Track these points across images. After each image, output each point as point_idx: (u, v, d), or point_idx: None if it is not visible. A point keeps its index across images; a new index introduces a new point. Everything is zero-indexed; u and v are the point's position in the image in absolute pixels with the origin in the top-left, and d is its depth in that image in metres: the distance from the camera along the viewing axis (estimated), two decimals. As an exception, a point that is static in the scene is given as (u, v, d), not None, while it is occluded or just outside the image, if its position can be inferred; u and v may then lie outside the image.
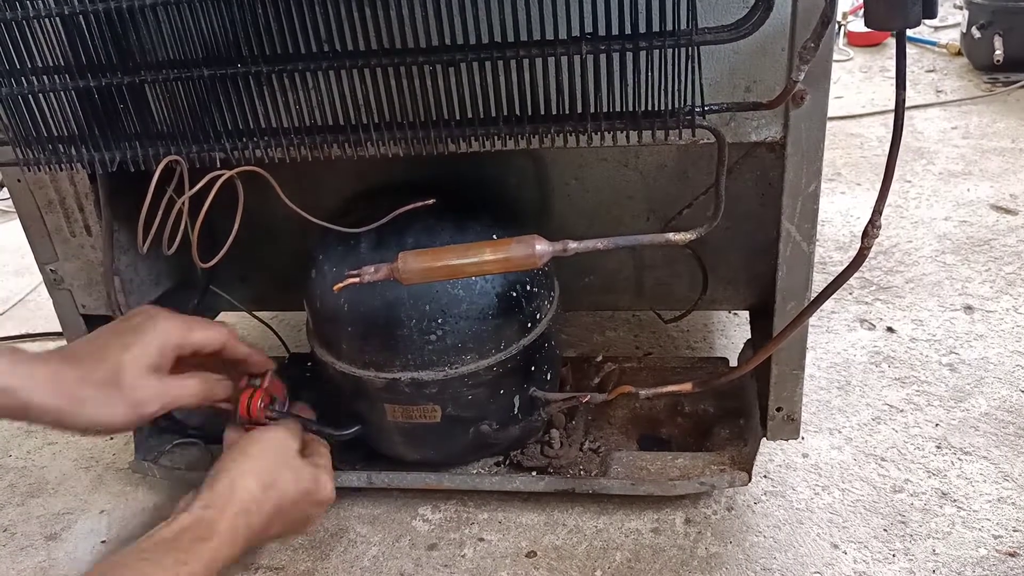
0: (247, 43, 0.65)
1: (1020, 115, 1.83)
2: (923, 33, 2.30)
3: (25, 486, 1.08)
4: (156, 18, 0.64)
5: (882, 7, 0.57)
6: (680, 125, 0.64)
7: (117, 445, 1.13)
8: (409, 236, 0.81)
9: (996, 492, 0.92)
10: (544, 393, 0.90)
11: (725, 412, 0.97)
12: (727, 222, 0.79)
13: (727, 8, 0.63)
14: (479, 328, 0.82)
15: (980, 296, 1.24)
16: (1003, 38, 1.93)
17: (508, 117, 0.66)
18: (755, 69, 0.66)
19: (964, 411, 1.03)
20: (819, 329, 1.20)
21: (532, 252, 0.69)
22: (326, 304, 0.85)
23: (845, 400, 1.07)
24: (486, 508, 0.96)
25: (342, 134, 0.69)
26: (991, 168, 1.61)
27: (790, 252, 0.74)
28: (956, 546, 0.86)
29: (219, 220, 0.77)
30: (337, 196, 0.91)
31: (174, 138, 0.70)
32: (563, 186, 1.01)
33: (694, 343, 1.22)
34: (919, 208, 1.49)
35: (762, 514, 0.92)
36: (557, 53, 0.62)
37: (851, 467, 0.97)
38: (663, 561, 0.87)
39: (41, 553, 0.97)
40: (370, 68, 0.65)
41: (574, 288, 1.05)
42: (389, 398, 0.85)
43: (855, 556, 0.86)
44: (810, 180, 0.71)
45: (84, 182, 0.83)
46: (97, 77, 0.68)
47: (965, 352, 1.13)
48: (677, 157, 0.96)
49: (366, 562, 0.91)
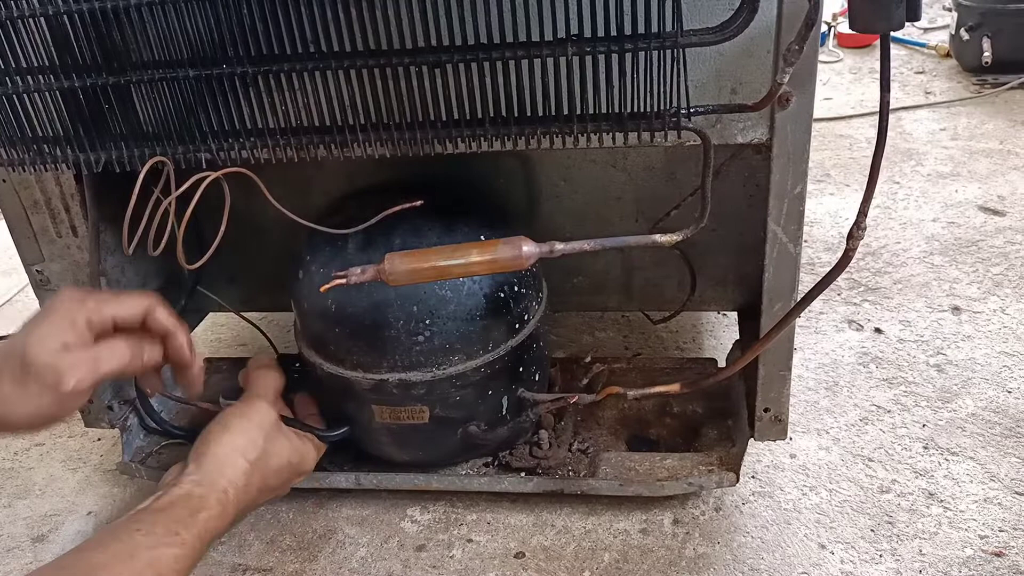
0: (233, 44, 0.65)
1: (1008, 116, 1.84)
2: (912, 35, 2.31)
3: (12, 487, 1.07)
4: (141, 18, 0.64)
5: (866, 10, 0.57)
6: (666, 127, 0.64)
7: (104, 446, 1.12)
8: (396, 237, 0.81)
9: (982, 492, 0.92)
10: (533, 394, 0.90)
11: (713, 413, 0.97)
12: (715, 223, 0.79)
13: (712, 10, 0.63)
14: (467, 329, 0.82)
15: (968, 297, 1.25)
16: (991, 40, 1.94)
17: (494, 118, 0.66)
18: (740, 71, 0.66)
19: (951, 412, 1.04)
20: (807, 330, 1.20)
21: (519, 253, 0.69)
22: (314, 305, 0.85)
23: (833, 401, 1.07)
24: (475, 509, 0.96)
25: (329, 135, 0.69)
26: (979, 169, 1.62)
27: (777, 253, 0.75)
28: (943, 546, 0.86)
29: (206, 221, 0.77)
30: (325, 197, 0.91)
31: (160, 139, 0.70)
32: (551, 187, 1.01)
33: (683, 344, 1.22)
34: (907, 209, 1.50)
35: (750, 515, 0.92)
36: (543, 55, 0.62)
37: (839, 468, 0.97)
38: (651, 562, 0.87)
39: (28, 555, 0.96)
40: (356, 69, 0.65)
41: (563, 289, 1.05)
42: (377, 399, 0.85)
43: (842, 556, 0.86)
44: (796, 182, 0.71)
45: (70, 183, 0.83)
46: (82, 77, 0.67)
47: (952, 353, 1.14)
48: (665, 158, 0.96)
49: (354, 563, 0.91)
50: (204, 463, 0.72)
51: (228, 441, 0.75)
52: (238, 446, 0.75)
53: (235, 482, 0.72)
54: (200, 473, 0.71)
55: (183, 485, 0.70)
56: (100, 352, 0.68)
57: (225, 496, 0.71)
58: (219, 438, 0.75)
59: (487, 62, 0.64)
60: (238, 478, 0.73)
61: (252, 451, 0.75)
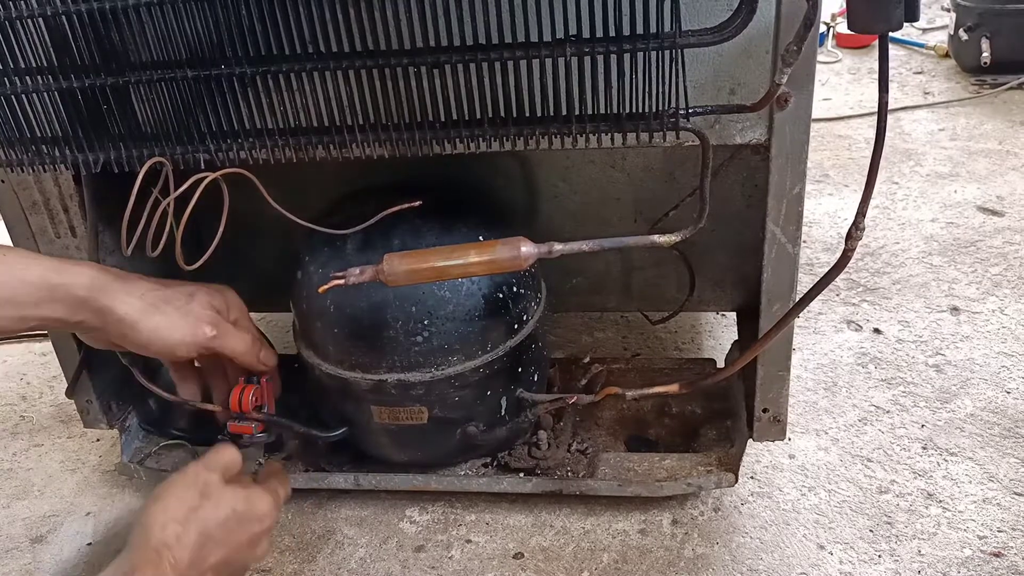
0: (231, 44, 0.65)
1: (1007, 117, 1.84)
2: (911, 35, 2.31)
3: (11, 488, 1.07)
4: (140, 19, 0.64)
5: (865, 11, 0.57)
6: (664, 127, 0.64)
7: (104, 447, 1.12)
8: (395, 237, 0.81)
9: (981, 493, 0.92)
10: (531, 394, 0.90)
11: (712, 413, 0.97)
12: (714, 224, 0.79)
13: (711, 11, 0.63)
14: (465, 329, 0.82)
15: (966, 297, 1.25)
16: (990, 40, 1.93)
17: (493, 119, 0.66)
18: (739, 72, 0.67)
19: (950, 412, 1.04)
20: (806, 330, 1.20)
21: (517, 254, 0.69)
22: (312, 306, 0.85)
23: (832, 401, 1.07)
24: (473, 509, 0.96)
25: (327, 135, 0.69)
26: (978, 170, 1.62)
27: (775, 254, 0.75)
28: (941, 547, 0.86)
29: (205, 221, 0.77)
30: (323, 197, 0.90)
31: (159, 139, 0.70)
32: (550, 187, 1.01)
33: (682, 344, 1.22)
34: (906, 210, 1.50)
35: (749, 515, 0.92)
36: (541, 55, 0.62)
37: (837, 468, 0.97)
38: (650, 562, 0.87)
39: (27, 555, 0.96)
40: (355, 69, 0.65)
41: (562, 289, 1.05)
42: (376, 400, 0.85)
43: (841, 557, 0.86)
44: (795, 182, 0.71)
45: (69, 183, 0.83)
46: (81, 78, 0.67)
47: (951, 353, 1.14)
48: (663, 159, 0.96)
49: (353, 564, 0.91)
50: (133, 540, 0.68)
51: (156, 508, 0.70)
52: (163, 508, 0.70)
53: (166, 542, 0.67)
54: (129, 552, 0.67)
55: (113, 565, 0.66)
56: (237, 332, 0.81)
57: (157, 555, 0.66)
58: (148, 509, 0.70)
59: (486, 62, 0.64)
60: (166, 539, 0.67)
61: (179, 510, 0.70)
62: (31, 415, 1.21)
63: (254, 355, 0.83)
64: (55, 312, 0.73)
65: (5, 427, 1.19)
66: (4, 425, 1.19)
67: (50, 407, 1.22)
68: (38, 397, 1.25)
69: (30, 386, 1.27)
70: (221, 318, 0.80)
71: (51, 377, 1.28)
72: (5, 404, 1.24)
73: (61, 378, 0.95)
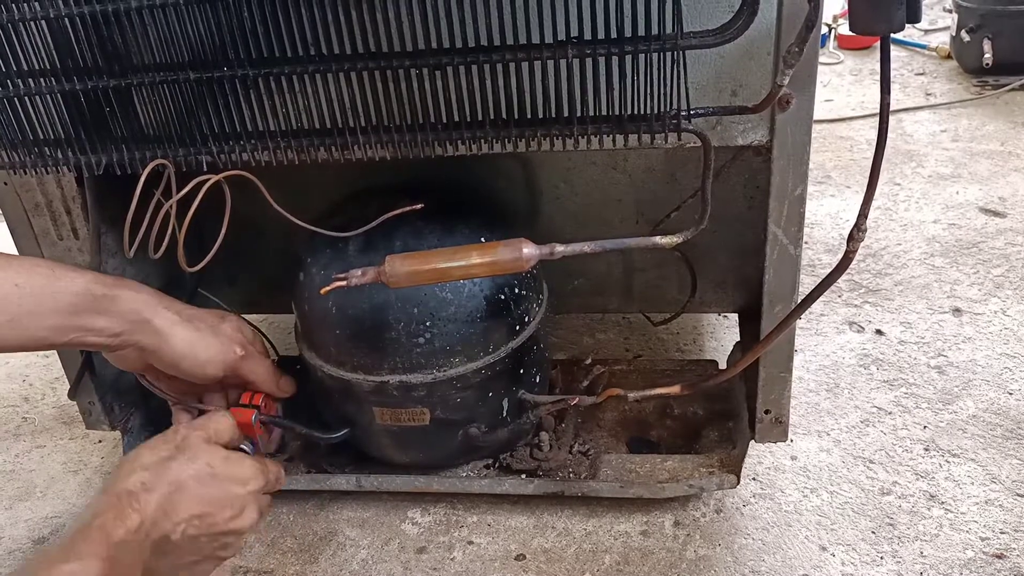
0: (233, 46, 0.65)
1: (1009, 118, 1.83)
2: (913, 36, 2.31)
3: (13, 489, 1.07)
4: (143, 21, 0.64)
5: (867, 12, 0.57)
6: (666, 129, 0.64)
7: (106, 449, 1.12)
8: (397, 239, 0.81)
9: (983, 494, 0.92)
10: (533, 396, 0.90)
11: (714, 415, 0.97)
12: (716, 225, 0.78)
13: (712, 12, 0.63)
14: (467, 331, 0.82)
15: (968, 299, 1.25)
16: (992, 41, 1.93)
17: (495, 120, 0.66)
18: (741, 73, 0.67)
19: (952, 413, 1.04)
20: (808, 332, 1.20)
21: (519, 255, 0.69)
22: (314, 307, 0.85)
23: (834, 403, 1.07)
24: (475, 511, 0.96)
25: (329, 137, 0.69)
26: (980, 171, 1.62)
27: (777, 255, 0.75)
28: (944, 548, 0.86)
29: (207, 223, 0.77)
30: (325, 199, 0.91)
31: (161, 141, 0.70)
32: (552, 189, 1.01)
33: (684, 345, 1.22)
34: (908, 211, 1.50)
35: (750, 516, 0.92)
36: (543, 57, 0.63)
37: (839, 469, 0.97)
38: (652, 564, 0.87)
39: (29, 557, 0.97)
40: (357, 71, 0.65)
41: (564, 290, 1.05)
42: (378, 401, 0.85)
43: (843, 558, 0.86)
44: (796, 183, 0.71)
45: (71, 185, 0.83)
46: (84, 80, 0.68)
47: (953, 355, 1.14)
48: (665, 160, 0.96)
49: (355, 565, 0.91)
50: (102, 487, 0.69)
51: (127, 458, 0.70)
52: (138, 456, 0.69)
53: (128, 488, 0.66)
54: (98, 495, 0.67)
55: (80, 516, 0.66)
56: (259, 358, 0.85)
57: (118, 500, 0.65)
58: (121, 461, 0.70)
59: (487, 64, 0.64)
60: (132, 484, 0.66)
61: (151, 458, 0.69)
62: (33, 417, 1.21)
63: (274, 382, 0.85)
64: (96, 323, 0.74)
65: (7, 429, 1.19)
66: (6, 427, 1.20)
67: (52, 409, 1.22)
68: (40, 399, 1.25)
69: (32, 388, 1.28)
70: (247, 342, 0.84)
71: (53, 379, 1.28)
72: (7, 406, 1.24)
73: (63, 380, 0.95)
